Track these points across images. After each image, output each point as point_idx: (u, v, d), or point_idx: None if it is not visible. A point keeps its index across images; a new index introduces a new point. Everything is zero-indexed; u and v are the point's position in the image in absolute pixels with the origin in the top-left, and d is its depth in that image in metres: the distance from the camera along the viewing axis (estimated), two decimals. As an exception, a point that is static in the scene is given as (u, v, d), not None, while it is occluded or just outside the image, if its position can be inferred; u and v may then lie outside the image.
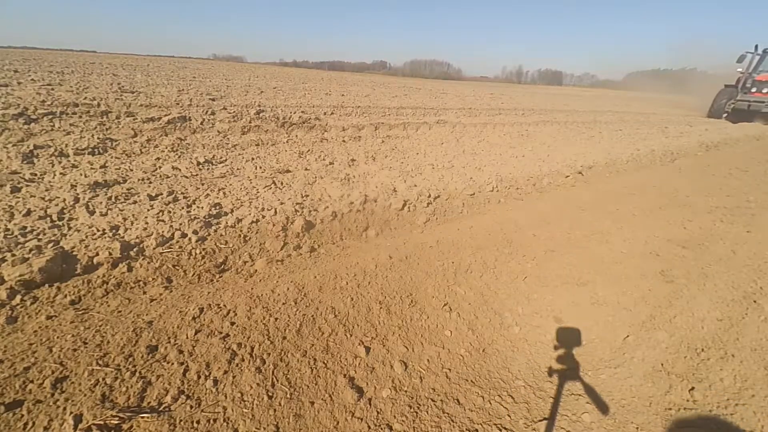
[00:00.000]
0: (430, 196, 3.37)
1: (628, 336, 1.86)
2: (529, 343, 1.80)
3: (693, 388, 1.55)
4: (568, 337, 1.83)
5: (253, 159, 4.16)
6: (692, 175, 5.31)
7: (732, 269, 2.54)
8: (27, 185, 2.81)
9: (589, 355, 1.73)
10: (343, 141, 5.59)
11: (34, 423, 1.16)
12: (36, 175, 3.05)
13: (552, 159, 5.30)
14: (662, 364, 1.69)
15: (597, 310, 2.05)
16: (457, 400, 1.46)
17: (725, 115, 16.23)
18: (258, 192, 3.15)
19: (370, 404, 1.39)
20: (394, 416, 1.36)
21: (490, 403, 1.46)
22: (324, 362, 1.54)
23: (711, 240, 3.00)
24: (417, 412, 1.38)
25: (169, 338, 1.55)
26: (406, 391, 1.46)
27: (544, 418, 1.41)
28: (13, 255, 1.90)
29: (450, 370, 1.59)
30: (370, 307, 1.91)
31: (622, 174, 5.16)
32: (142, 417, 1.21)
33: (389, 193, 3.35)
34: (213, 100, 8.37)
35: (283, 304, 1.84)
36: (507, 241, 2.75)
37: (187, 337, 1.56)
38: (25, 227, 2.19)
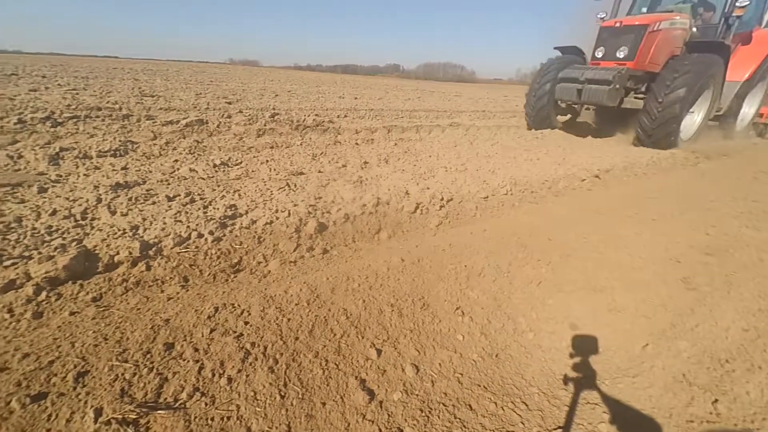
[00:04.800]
0: (442, 199, 3.36)
1: (647, 345, 1.80)
2: (544, 350, 1.76)
3: (716, 401, 1.50)
4: (584, 345, 1.79)
5: (267, 161, 4.23)
6: (715, 178, 5.13)
7: (759, 277, 2.44)
8: (53, 186, 2.92)
9: (606, 364, 1.69)
10: (356, 144, 5.62)
11: (57, 415, 1.20)
12: (61, 176, 3.18)
13: (568, 162, 5.20)
14: (684, 375, 1.63)
15: (614, 318, 2.00)
16: (469, 405, 1.44)
17: (558, 116, 8.16)
18: (272, 194, 3.20)
19: (381, 407, 1.39)
20: (405, 420, 1.35)
21: (503, 410, 1.43)
22: (336, 363, 1.55)
23: (736, 247, 2.89)
24: (428, 417, 1.37)
25: (185, 336, 1.58)
26: (417, 395, 1.45)
27: (559, 427, 1.38)
28: (40, 253, 1.98)
29: (462, 374, 1.58)
30: (381, 309, 1.90)
31: (642, 177, 5.02)
32: (159, 413, 1.24)
33: (402, 195, 3.35)
34: (229, 103, 8.55)
35: (296, 304, 1.86)
36: (521, 245, 2.71)
37: (203, 336, 1.59)
38: (50, 226, 2.27)
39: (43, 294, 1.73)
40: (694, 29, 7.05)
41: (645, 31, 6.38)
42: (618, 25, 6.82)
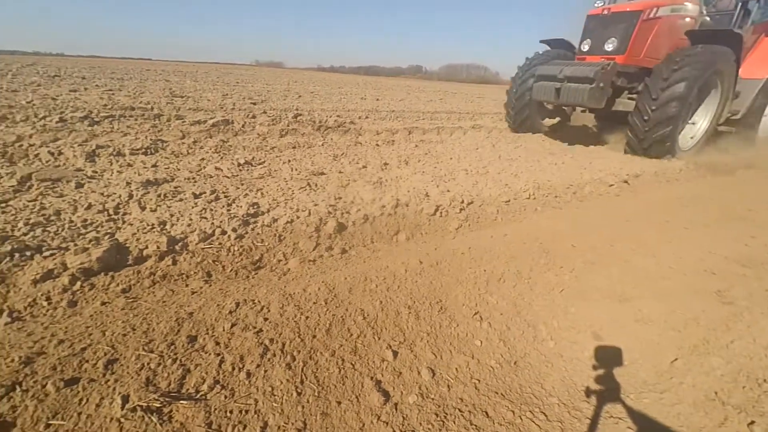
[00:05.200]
0: (463, 201, 3.32)
1: (676, 359, 1.72)
2: (565, 359, 1.71)
3: (753, 422, 1.40)
4: (608, 356, 1.72)
5: (289, 161, 4.31)
6: (754, 186, 4.83)
7: (803, 293, 2.28)
8: (89, 181, 3.08)
9: (632, 377, 1.62)
10: (377, 145, 5.64)
11: (88, 400, 1.26)
12: (97, 172, 3.34)
13: (594, 166, 5.04)
14: (716, 393, 1.54)
15: (641, 329, 1.91)
16: (486, 412, 1.41)
17: (546, 119, 7.49)
18: (293, 193, 3.25)
19: (396, 409, 1.38)
20: (420, 423, 1.34)
21: (521, 419, 1.40)
22: (352, 363, 1.56)
23: (777, 259, 2.71)
24: (444, 421, 1.35)
25: (207, 330, 1.63)
26: (432, 399, 1.44)
27: (580, 440, 1.33)
28: (76, 245, 2.09)
29: (479, 381, 1.55)
30: (398, 311, 1.90)
31: (674, 184, 4.79)
32: (181, 403, 1.28)
33: (421, 197, 3.33)
34: (254, 104, 8.77)
35: (314, 303, 1.88)
36: (543, 250, 2.64)
37: (224, 330, 1.64)
38: (86, 220, 2.40)
39: (78, 284, 1.83)
40: (707, 18, 6.04)
41: (638, 19, 5.32)
42: (606, 12, 5.66)
